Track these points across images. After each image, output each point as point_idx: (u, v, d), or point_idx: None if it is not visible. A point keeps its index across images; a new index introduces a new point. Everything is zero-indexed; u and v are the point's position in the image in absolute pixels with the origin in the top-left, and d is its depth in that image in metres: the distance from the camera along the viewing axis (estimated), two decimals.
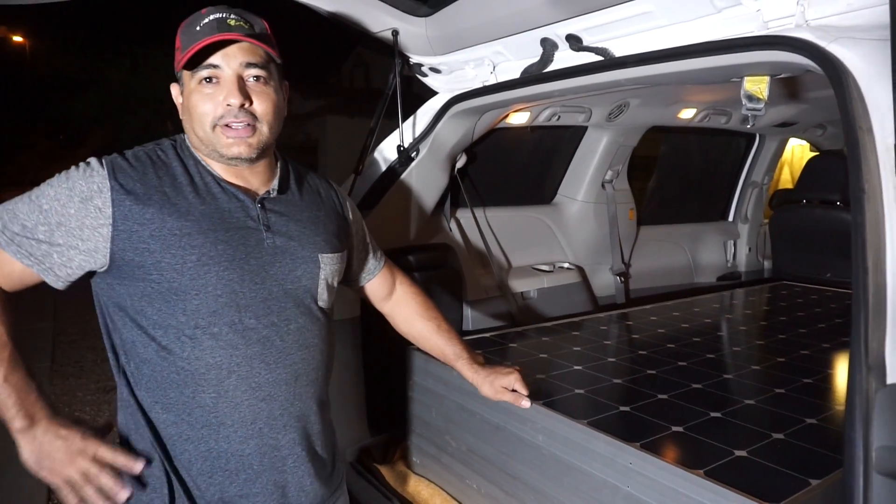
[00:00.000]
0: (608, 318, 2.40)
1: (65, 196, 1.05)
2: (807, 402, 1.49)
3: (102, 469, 1.06)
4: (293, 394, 1.18)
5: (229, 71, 1.09)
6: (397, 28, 1.95)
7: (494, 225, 2.84)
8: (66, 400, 4.18)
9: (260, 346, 1.13)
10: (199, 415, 1.11)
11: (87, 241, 1.05)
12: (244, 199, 1.16)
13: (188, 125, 1.15)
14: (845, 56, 1.06)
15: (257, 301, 1.13)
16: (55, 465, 1.04)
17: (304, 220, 1.23)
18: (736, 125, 3.17)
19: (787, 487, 1.07)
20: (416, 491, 1.85)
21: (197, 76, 1.10)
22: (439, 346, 1.52)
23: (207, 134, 1.12)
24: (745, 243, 3.84)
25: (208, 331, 1.09)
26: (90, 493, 1.05)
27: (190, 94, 1.12)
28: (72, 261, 1.06)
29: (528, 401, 1.43)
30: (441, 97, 2.25)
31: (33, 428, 1.04)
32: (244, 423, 1.13)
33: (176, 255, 1.06)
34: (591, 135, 3.00)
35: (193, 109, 1.11)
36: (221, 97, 1.09)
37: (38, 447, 1.04)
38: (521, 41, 1.81)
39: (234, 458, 1.13)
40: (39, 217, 1.04)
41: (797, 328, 2.19)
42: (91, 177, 1.06)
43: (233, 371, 1.11)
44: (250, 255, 1.13)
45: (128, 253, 1.05)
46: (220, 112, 1.10)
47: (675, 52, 1.41)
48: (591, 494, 1.30)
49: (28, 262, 1.05)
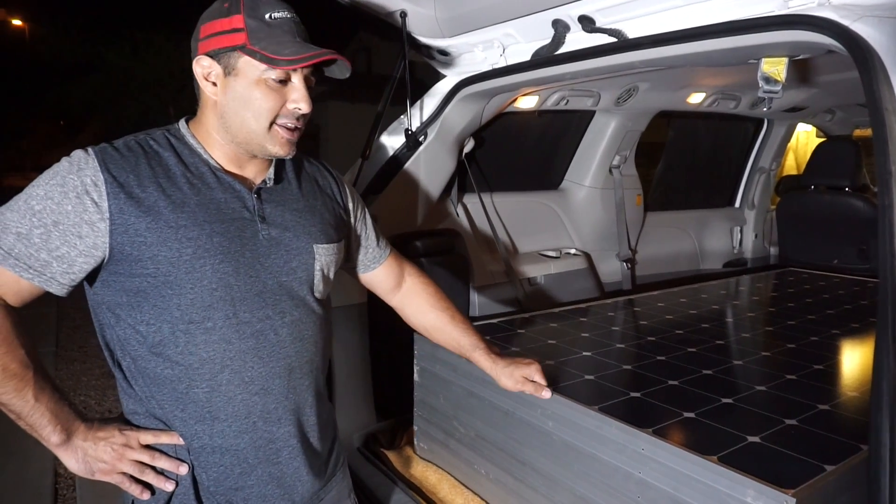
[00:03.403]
0: (615, 305, 2.39)
1: (58, 194, 1.00)
2: (818, 388, 1.48)
3: (152, 453, 1.09)
4: (287, 387, 1.16)
5: (300, 75, 1.09)
6: (406, 10, 1.91)
7: (501, 210, 2.83)
8: (71, 385, 4.20)
9: (254, 339, 1.11)
10: (193, 410, 1.10)
11: (85, 238, 1.01)
12: (240, 190, 1.13)
13: (235, 114, 1.10)
14: (870, 35, 1.03)
15: (252, 294, 1.11)
16: (107, 465, 1.07)
17: (299, 209, 1.21)
18: (744, 110, 3.14)
19: (803, 473, 1.06)
20: (423, 476, 1.85)
21: (270, 73, 1.07)
22: (454, 338, 1.48)
23: (262, 128, 1.09)
24: (751, 230, 3.82)
25: (202, 325, 1.07)
26: (152, 477, 1.09)
27: (252, 85, 1.07)
28: (72, 265, 1.02)
29: (548, 391, 1.41)
30: (449, 80, 2.22)
31: (72, 439, 1.05)
32: (238, 418, 1.12)
33: (172, 247, 1.03)
34: (599, 119, 2.98)
35: (255, 102, 1.08)
36: (292, 100, 1.09)
37: (83, 455, 1.06)
38: (532, 23, 1.77)
39: (228, 453, 1.13)
40: (33, 220, 0.99)
41: (806, 314, 2.18)
42: (82, 170, 1.01)
43: (226, 365, 1.09)
44: (245, 247, 1.11)
45: (126, 247, 1.02)
46: (283, 112, 1.10)
47: (692, 33, 1.38)
48: (603, 481, 1.29)
49: (28, 276, 1.00)
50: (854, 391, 1.46)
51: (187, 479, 1.12)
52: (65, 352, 4.88)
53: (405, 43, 2.02)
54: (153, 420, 1.12)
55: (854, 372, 1.65)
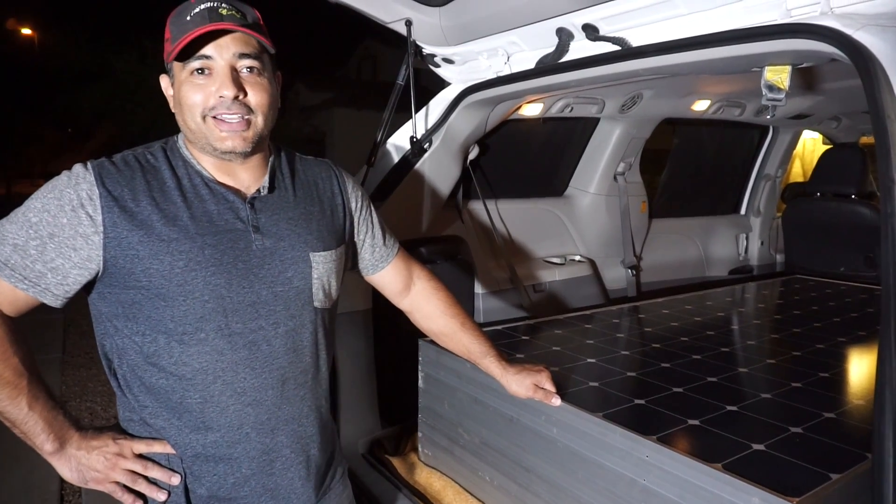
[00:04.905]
0: (620, 312, 2.39)
1: (54, 207, 1.02)
2: (824, 396, 1.48)
3: (145, 463, 1.10)
4: (281, 397, 1.16)
5: (222, 62, 1.06)
6: (411, 18, 1.93)
7: (506, 217, 2.83)
8: (78, 391, 4.21)
9: (246, 350, 1.11)
10: (188, 419, 1.10)
11: (79, 250, 1.03)
12: (233, 200, 1.13)
13: (180, 117, 1.11)
14: (873, 44, 1.04)
15: (245, 305, 1.10)
16: (100, 474, 1.08)
17: (295, 217, 1.19)
18: (749, 117, 3.13)
19: (808, 481, 1.06)
20: (427, 483, 1.85)
21: (188, 67, 1.07)
22: (464, 344, 1.47)
23: (199, 125, 1.08)
24: (757, 237, 3.81)
25: (195, 336, 1.07)
26: (144, 487, 1.10)
27: (181, 85, 1.09)
28: (67, 277, 1.04)
29: (558, 399, 1.41)
30: (454, 88, 2.23)
31: (65, 448, 1.07)
32: (231, 428, 1.12)
33: (164, 260, 1.04)
34: (604, 127, 2.98)
35: (184, 100, 1.08)
36: (214, 88, 1.06)
37: (76, 464, 1.08)
38: (537, 31, 1.78)
39: (222, 462, 1.13)
40: (30, 232, 1.01)
41: (812, 322, 2.17)
42: (79, 184, 1.03)
43: (218, 376, 1.09)
44: (238, 258, 1.10)
45: (119, 260, 1.03)
46: (211, 103, 1.07)
47: (696, 42, 1.39)
48: (607, 488, 1.29)
49: (23, 287, 1.02)
50: (860, 399, 1.46)
51: (179, 489, 1.12)
52: (71, 358, 4.90)
53: (410, 51, 2.04)
54: (147, 428, 1.12)
55: (860, 380, 1.64)
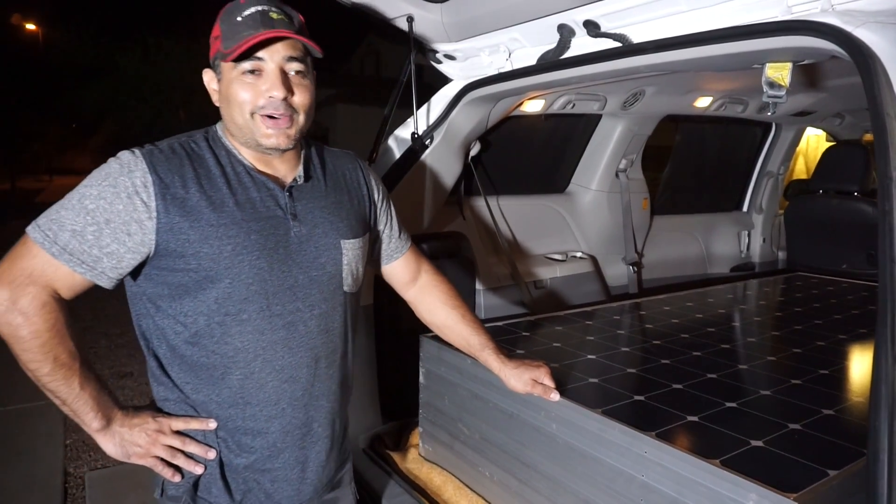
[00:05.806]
0: (621, 308, 2.39)
1: (110, 194, 1.07)
2: (823, 393, 1.48)
3: (183, 439, 1.18)
4: (314, 375, 1.24)
5: (272, 64, 1.13)
6: (413, 14, 1.93)
7: (508, 213, 2.84)
8: None
9: (285, 331, 1.18)
10: (227, 395, 1.18)
11: (133, 235, 1.08)
12: (273, 188, 1.19)
13: (227, 112, 1.18)
14: (872, 41, 1.04)
15: (284, 288, 1.17)
16: (141, 449, 1.16)
17: (327, 205, 1.26)
18: (752, 114, 3.13)
19: (805, 478, 1.06)
20: (428, 478, 1.85)
21: (240, 67, 1.13)
22: (464, 336, 1.51)
23: (247, 121, 1.14)
24: (759, 234, 3.81)
25: (238, 317, 1.14)
26: (182, 461, 1.17)
27: (230, 82, 1.14)
28: (121, 261, 1.09)
29: (557, 394, 1.42)
30: (456, 84, 2.23)
31: (111, 425, 1.15)
32: (269, 403, 1.19)
33: (213, 245, 1.10)
34: (606, 123, 2.98)
35: (234, 97, 1.14)
36: (264, 88, 1.12)
37: (120, 440, 1.16)
38: (538, 27, 1.78)
39: (259, 435, 1.20)
40: (87, 218, 1.07)
41: (813, 319, 2.17)
42: (133, 172, 1.09)
43: (258, 355, 1.17)
44: (279, 243, 1.17)
45: (171, 244, 1.09)
46: (261, 102, 1.13)
47: (696, 38, 1.39)
48: (606, 483, 1.30)
49: (81, 270, 1.08)
50: (859, 396, 1.46)
51: (214, 463, 1.19)
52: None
53: (412, 47, 2.04)
54: (185, 406, 1.19)
55: (860, 377, 1.64)
